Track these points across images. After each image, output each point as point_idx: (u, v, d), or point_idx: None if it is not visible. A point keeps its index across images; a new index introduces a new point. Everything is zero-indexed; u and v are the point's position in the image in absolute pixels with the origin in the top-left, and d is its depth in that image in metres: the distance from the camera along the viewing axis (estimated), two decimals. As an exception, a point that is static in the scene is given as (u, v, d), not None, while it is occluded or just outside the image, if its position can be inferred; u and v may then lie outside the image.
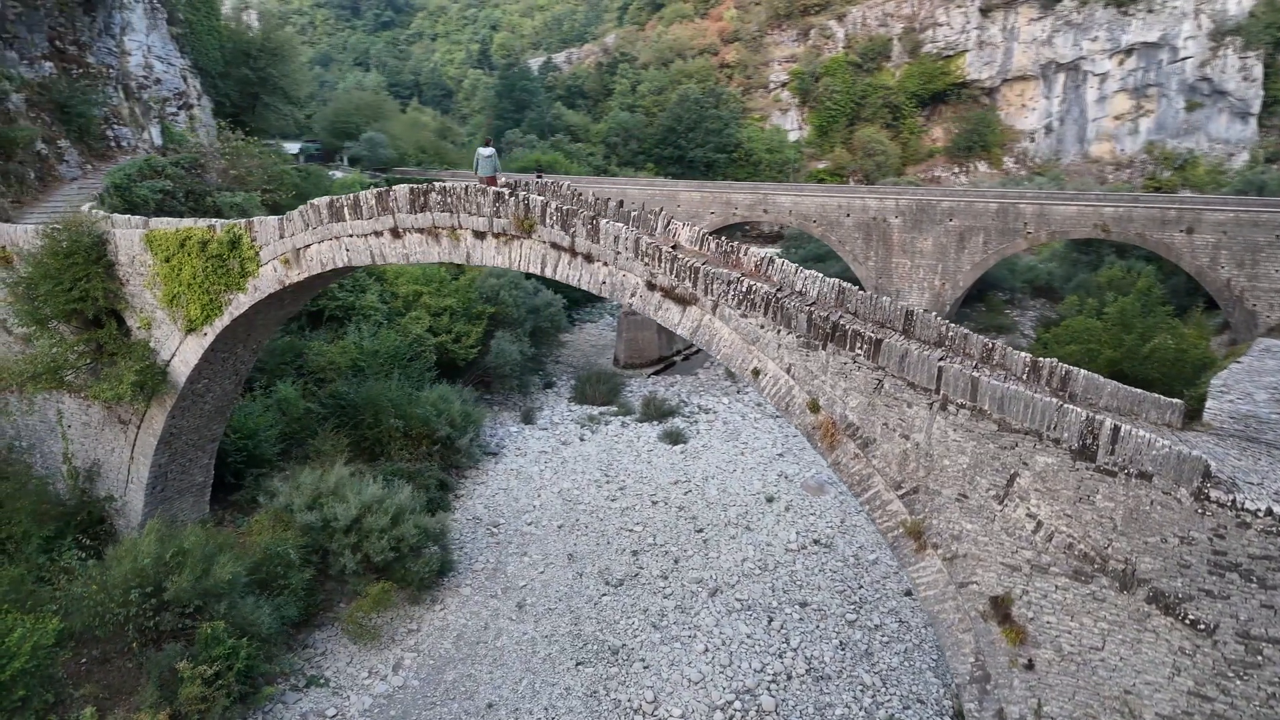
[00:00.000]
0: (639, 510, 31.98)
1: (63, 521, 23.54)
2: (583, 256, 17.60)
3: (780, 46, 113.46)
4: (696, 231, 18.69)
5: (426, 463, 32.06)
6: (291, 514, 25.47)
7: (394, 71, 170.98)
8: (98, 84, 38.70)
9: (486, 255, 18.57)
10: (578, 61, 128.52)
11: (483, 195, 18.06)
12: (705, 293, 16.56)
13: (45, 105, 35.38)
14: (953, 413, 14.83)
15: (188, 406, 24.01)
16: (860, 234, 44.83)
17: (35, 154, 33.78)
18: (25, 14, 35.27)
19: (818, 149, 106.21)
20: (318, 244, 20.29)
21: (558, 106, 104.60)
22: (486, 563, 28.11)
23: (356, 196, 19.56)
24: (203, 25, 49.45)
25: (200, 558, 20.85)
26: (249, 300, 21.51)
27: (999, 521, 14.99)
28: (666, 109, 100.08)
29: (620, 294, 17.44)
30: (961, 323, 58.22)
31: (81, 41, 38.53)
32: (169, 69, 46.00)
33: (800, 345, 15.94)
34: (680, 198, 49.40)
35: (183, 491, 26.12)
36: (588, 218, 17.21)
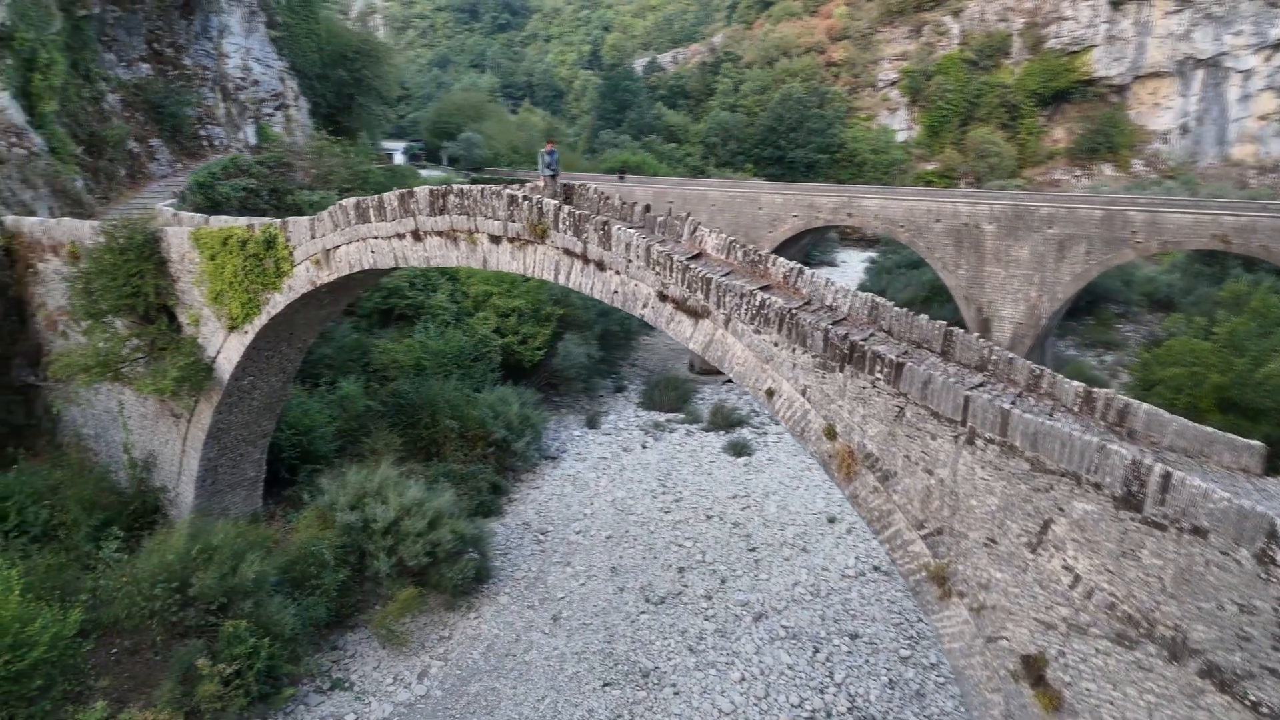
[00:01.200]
0: (692, 524, 30.86)
1: (114, 510, 24.21)
2: (595, 264, 16.71)
3: (891, 44, 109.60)
4: (724, 239, 17.51)
5: (480, 465, 31.84)
6: (334, 513, 25.56)
7: (508, 73, 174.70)
8: (192, 85, 40.27)
9: (502, 260, 17.91)
10: (683, 61, 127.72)
11: (497, 198, 17.40)
12: (717, 306, 15.42)
13: (140, 105, 36.99)
14: (980, 448, 13.23)
15: (234, 403, 24.37)
16: (950, 241, 42.29)
17: (127, 152, 35.30)
18: (124, 18, 36.97)
19: (927, 150, 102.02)
20: (346, 245, 20.11)
21: (658, 107, 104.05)
22: (528, 571, 27.58)
23: (381, 198, 19.24)
24: (301, 28, 51.03)
25: (229, 555, 21.01)
26: (284, 300, 21.57)
27: (1032, 572, 13.29)
28: (768, 109, 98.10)
29: (632, 304, 16.47)
30: (1065, 337, 54.47)
31: (179, 44, 40.17)
32: (267, 70, 47.59)
33: (816, 366, 14.61)
34: (761, 200, 47.88)
35: (234, 485, 26.60)
36: (600, 223, 16.32)
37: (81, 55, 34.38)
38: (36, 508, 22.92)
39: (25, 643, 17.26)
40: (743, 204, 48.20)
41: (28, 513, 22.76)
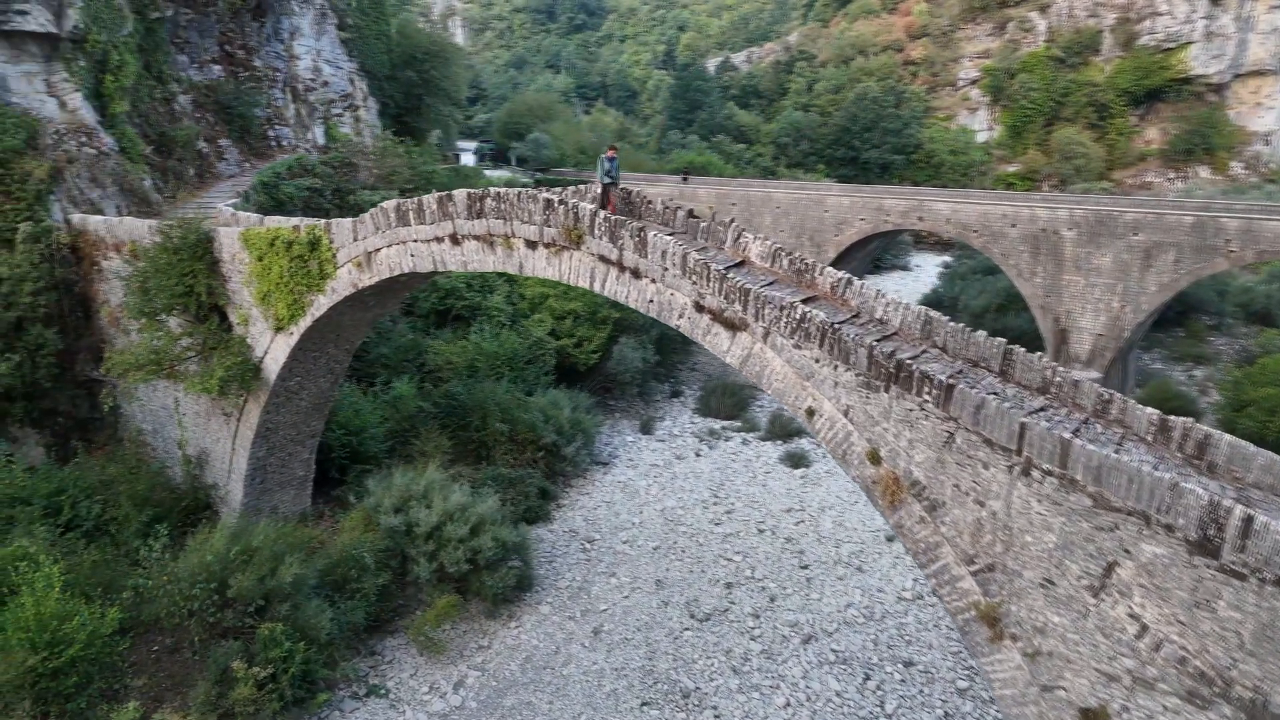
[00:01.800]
0: (742, 538, 29.91)
1: (166, 507, 24.50)
2: (630, 271, 16.01)
3: (973, 41, 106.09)
4: (769, 246, 16.60)
5: (530, 469, 31.46)
6: (379, 515, 25.44)
7: (582, 73, 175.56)
8: (262, 86, 40.94)
9: (538, 266, 17.34)
10: (757, 61, 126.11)
11: (533, 202, 16.83)
12: (756, 318, 14.55)
13: (210, 106, 37.72)
14: (1037, 480, 12.10)
15: (281, 403, 24.42)
16: (1026, 247, 40.26)
17: (196, 152, 36.00)
18: (197, 20, 37.74)
19: (1009, 151, 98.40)
20: (387, 248, 19.83)
21: (729, 107, 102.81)
22: (572, 581, 27.04)
23: (421, 200, 18.89)
24: (371, 29, 51.61)
25: (268, 556, 20.96)
26: (327, 302, 21.44)
27: (1093, 618, 12.10)
28: (842, 108, 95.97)
29: (668, 314, 15.71)
30: (1150, 350, 51.51)
31: (250, 46, 40.90)
32: (336, 72, 48.22)
33: (860, 385, 13.63)
34: (827, 203, 46.48)
35: (283, 484, 26.74)
36: (635, 229, 15.60)
37: (154, 57, 35.19)
38: (89, 502, 23.31)
39: (63, 640, 17.42)
40: (808, 206, 46.90)
41: (81, 507, 23.17)
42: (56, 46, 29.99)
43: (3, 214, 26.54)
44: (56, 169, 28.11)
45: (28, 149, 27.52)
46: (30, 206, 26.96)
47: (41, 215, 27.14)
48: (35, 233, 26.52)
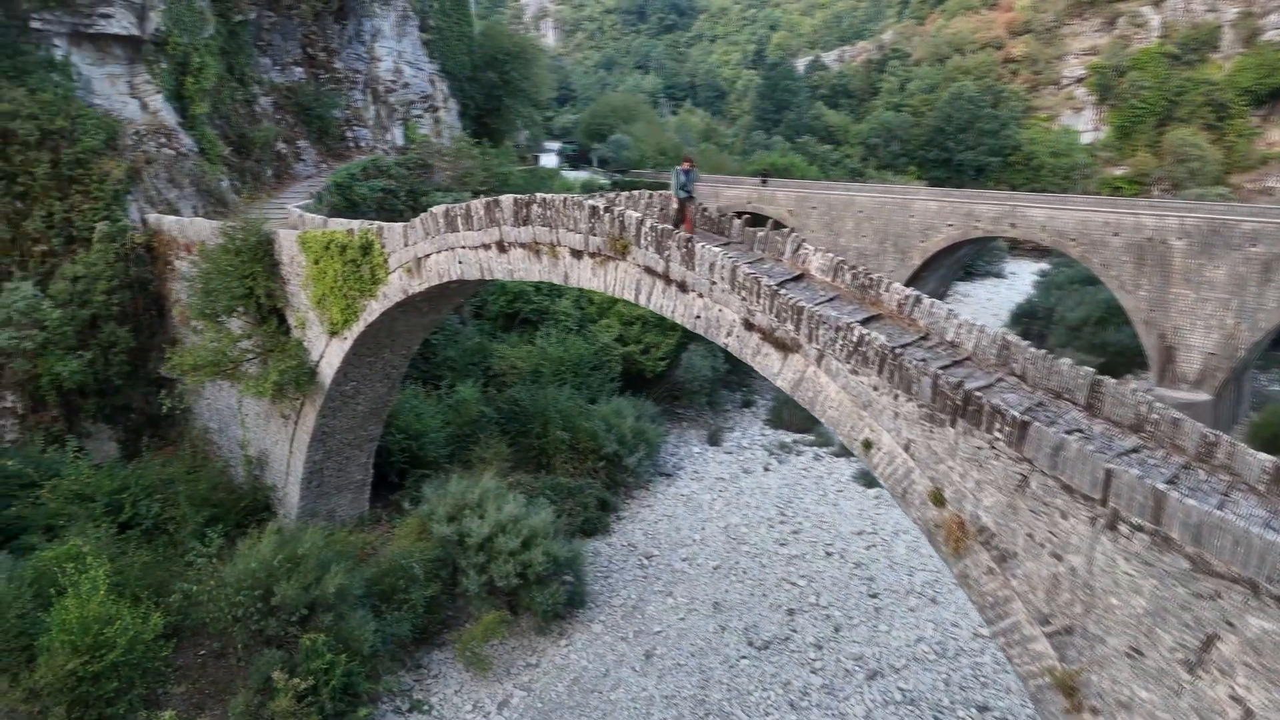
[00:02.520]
0: (809, 561, 28.45)
1: (224, 507, 24.57)
2: (677, 285, 14.94)
3: (1079, 38, 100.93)
4: (830, 259, 15.30)
5: (590, 480, 30.67)
6: (432, 523, 25.01)
7: (671, 74, 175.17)
8: (342, 88, 41.35)
9: (583, 276, 16.44)
10: (848, 60, 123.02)
11: (578, 209, 15.93)
12: (809, 339, 13.30)
13: (290, 107, 38.20)
14: (1125, 535, 10.57)
15: (337, 407, 24.21)
16: (1130, 257, 37.42)
17: (275, 153, 36.47)
18: (280, 23, 38.29)
19: (1116, 153, 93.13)
20: (436, 254, 19.26)
21: (818, 106, 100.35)
22: (627, 599, 26.10)
23: (469, 205, 18.23)
24: (453, 30, 51.80)
25: (314, 565, 20.66)
26: (379, 308, 21.03)
27: (1188, 698, 10.50)
28: (936, 108, 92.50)
29: (715, 332, 14.58)
30: (1268, 370, 47.51)
31: (331, 48, 41.35)
32: (418, 73, 48.51)
33: (923, 417, 12.26)
34: (913, 207, 44.32)
35: (340, 488, 26.60)
36: (682, 240, 14.52)
37: (237, 59, 35.80)
38: (149, 501, 23.51)
39: (104, 644, 17.35)
40: (893, 211, 44.85)
41: (141, 506, 23.38)
42: (139, 49, 30.68)
43: (81, 213, 27.15)
44: (134, 169, 28.67)
45: (107, 149, 28.11)
46: (108, 206, 27.52)
47: (118, 215, 27.67)
48: (111, 232, 27.04)
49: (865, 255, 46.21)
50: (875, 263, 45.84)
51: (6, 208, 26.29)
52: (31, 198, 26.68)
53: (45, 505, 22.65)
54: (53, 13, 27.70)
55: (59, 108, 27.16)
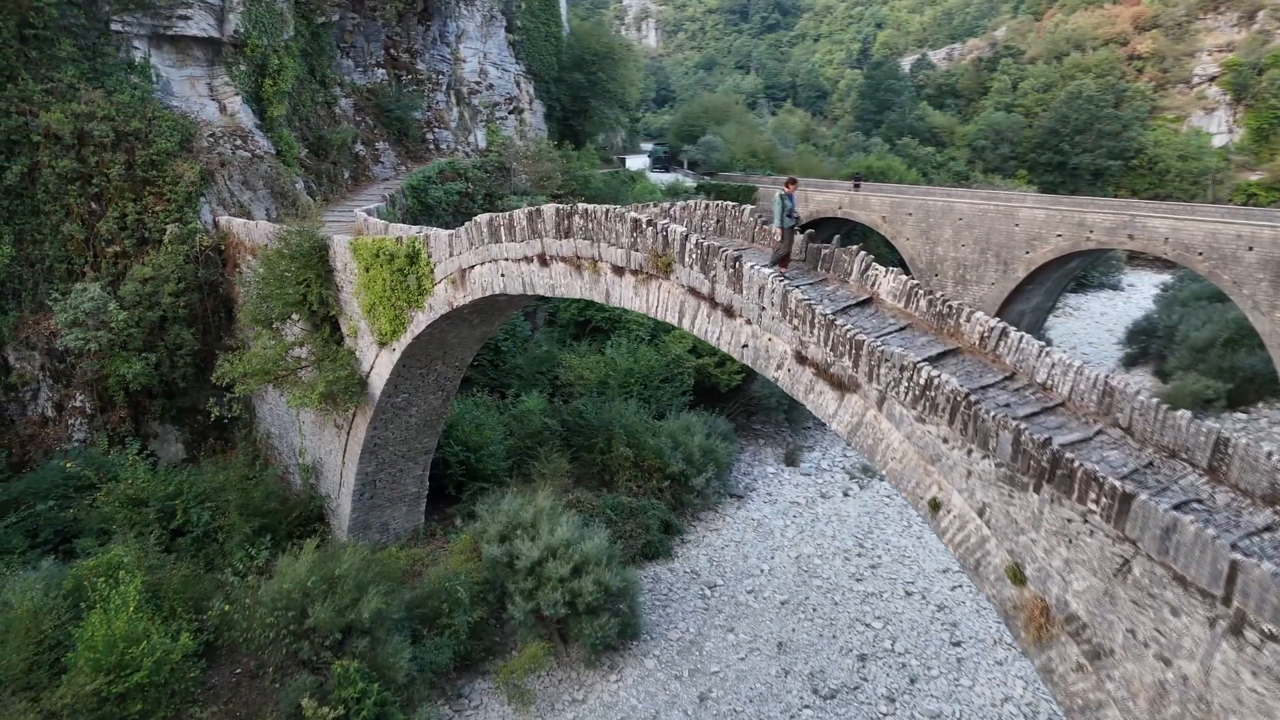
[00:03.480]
0: (886, 600, 26.23)
1: (276, 516, 24.09)
2: (723, 309, 13.28)
3: (1213, 33, 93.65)
4: (903, 282, 13.37)
5: (653, 500, 29.18)
6: (483, 543, 24.00)
7: (772, 73, 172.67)
8: (424, 89, 41.00)
9: (625, 295, 14.95)
10: (957, 58, 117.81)
11: (620, 221, 14.44)
12: (869, 377, 11.46)
13: (370, 109, 38.00)
14: (1253, 644, 8.46)
15: (389, 419, 23.42)
16: (1267, 274, 33.53)
17: (352, 155, 36.28)
18: (363, 25, 38.13)
19: (1252, 157, 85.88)
20: (479, 265, 18.10)
21: (922, 107, 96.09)
22: (685, 632, 24.50)
23: (512, 215, 16.98)
24: (540, 31, 51.09)
25: (351, 586, 19.82)
26: (426, 319, 20.04)
27: None
28: (1051, 108, 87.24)
29: (764, 364, 12.87)
30: None
31: (414, 49, 41.07)
32: (503, 75, 47.97)
33: (1002, 478, 10.31)
34: (1019, 215, 41.10)
35: (394, 501, 25.87)
36: (730, 258, 12.85)
37: (318, 61, 35.76)
38: (200, 509, 23.20)
39: (130, 664, 16.83)
40: (995, 219, 41.75)
41: (192, 513, 23.10)
42: (219, 51, 30.77)
43: (154, 215, 27.23)
44: (208, 171, 28.67)
45: (181, 151, 28.17)
46: (180, 208, 27.55)
47: (190, 217, 27.67)
48: (181, 234, 27.04)
49: (964, 265, 43.24)
50: (974, 274, 42.84)
51: (81, 208, 26.56)
52: (106, 199, 26.90)
53: (101, 509, 22.58)
54: (132, 15, 27.93)
55: (135, 109, 27.35)
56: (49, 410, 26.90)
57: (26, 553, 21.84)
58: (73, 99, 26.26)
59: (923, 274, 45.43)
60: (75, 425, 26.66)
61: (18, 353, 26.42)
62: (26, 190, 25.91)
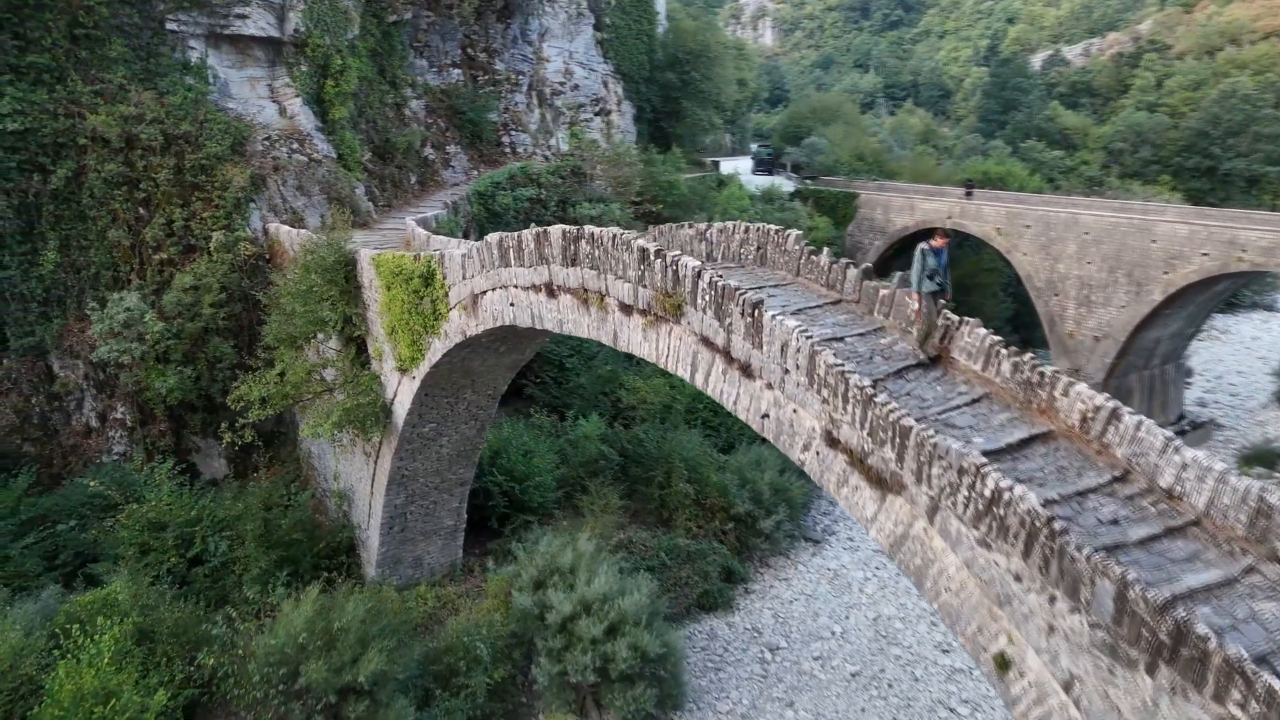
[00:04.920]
0: (976, 680, 22.60)
1: (300, 548, 22.46)
2: (739, 367, 10.45)
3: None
4: (983, 338, 10.25)
5: (715, 543, 26.35)
6: (515, 589, 21.78)
7: (892, 72, 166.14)
8: (501, 90, 39.27)
9: (633, 338, 12.29)
10: (1095, 54, 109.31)
11: (626, 250, 11.79)
12: (918, 478, 8.45)
13: (443, 111, 36.46)
14: None
15: (416, 449, 21.46)
16: None
17: (421, 159, 34.79)
18: (439, 23, 36.63)
19: None
20: (490, 291, 15.78)
21: (1053, 107, 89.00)
22: (737, 703, 21.60)
23: (520, 237, 14.58)
24: (631, 29, 48.72)
25: (354, 641, 17.83)
26: (442, 347, 17.91)
27: None
28: (1201, 108, 79.15)
29: (788, 441, 10.00)
30: None
31: (492, 48, 39.39)
32: (590, 75, 45.89)
33: (1099, 646, 7.21)
34: (1157, 230, 36.03)
35: (428, 534, 23.96)
36: (749, 304, 10.02)
37: (389, 61, 34.42)
38: (218, 538, 21.79)
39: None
40: (1128, 234, 36.83)
41: (210, 542, 21.71)
42: (280, 51, 29.66)
43: (201, 221, 26.18)
44: (260, 176, 27.48)
45: (233, 155, 27.06)
46: (228, 215, 26.41)
47: (238, 224, 26.51)
48: (227, 242, 25.87)
49: (1089, 285, 38.43)
50: (1101, 295, 37.99)
51: (128, 214, 25.75)
52: (154, 204, 26.02)
53: (118, 532, 21.45)
54: (188, 14, 27.01)
55: (186, 111, 26.37)
56: (93, 420, 26.25)
57: (41, 576, 20.90)
58: (122, 101, 25.44)
59: (1040, 293, 40.75)
60: (115, 438, 25.89)
61: (62, 361, 25.85)
62: (73, 195, 25.25)
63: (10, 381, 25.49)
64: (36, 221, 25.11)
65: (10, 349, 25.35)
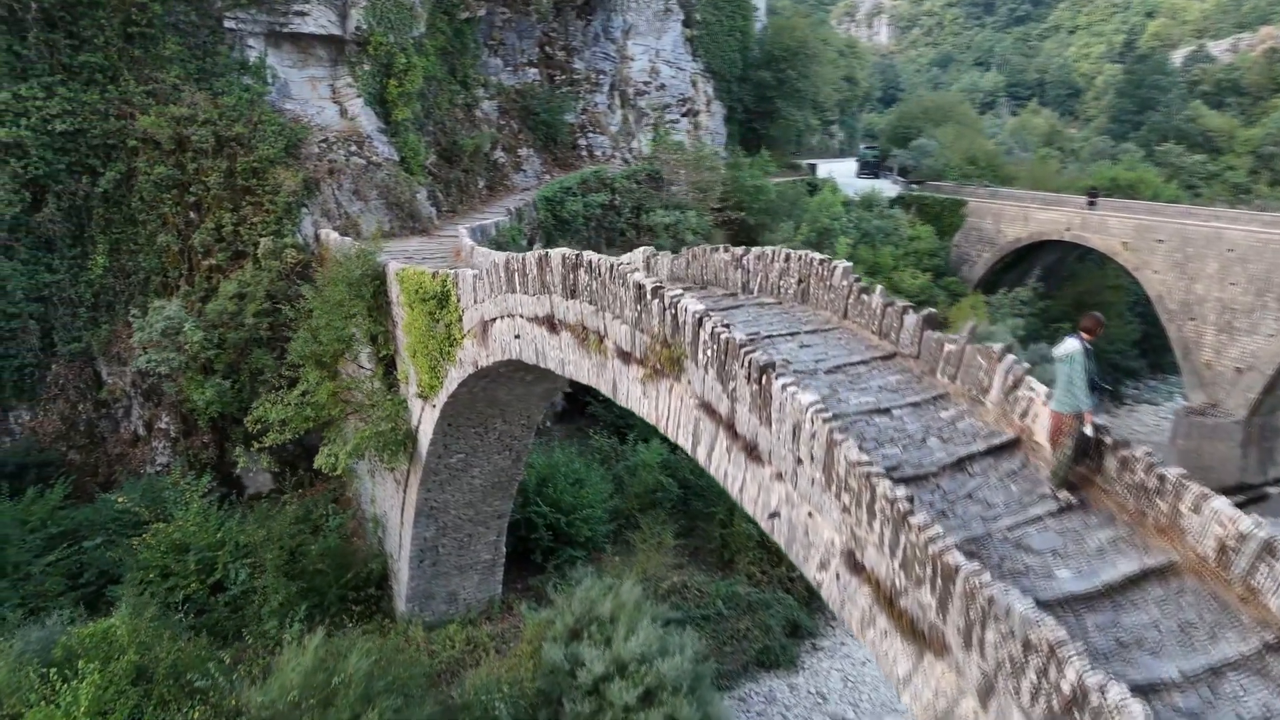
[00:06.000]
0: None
1: (326, 579, 21.03)
2: (744, 446, 8.01)
3: None
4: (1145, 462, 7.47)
5: (780, 592, 23.73)
6: (547, 639, 19.76)
7: (1016, 70, 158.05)
8: (580, 90, 37.46)
9: (631, 392, 9.99)
10: (1244, 50, 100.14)
11: (622, 285, 9.50)
12: (965, 640, 5.85)
13: (516, 112, 34.89)
14: None
15: (445, 480, 19.71)
16: None
17: (490, 162, 33.29)
18: (515, 20, 35.07)
19: None
20: (500, 319, 13.74)
21: (1195, 107, 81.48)
22: (790, 785, 18.99)
23: (524, 259, 12.46)
24: (723, 26, 46.15)
25: (355, 698, 16.12)
26: (458, 376, 16.00)
27: None
28: (1371, 107, 70.91)
29: (801, 553, 7.51)
30: None
31: (572, 47, 37.60)
32: (677, 74, 43.66)
33: None
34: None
35: (463, 568, 22.23)
36: (755, 365, 7.57)
37: (460, 60, 33.03)
38: (240, 564, 20.56)
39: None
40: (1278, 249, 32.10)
41: (230, 569, 20.50)
42: (342, 49, 28.57)
43: (251, 226, 25.20)
44: (313, 179, 26.38)
45: (287, 157, 26.03)
46: (279, 220, 25.36)
47: (288, 229, 25.42)
48: (274, 249, 24.81)
49: (1232, 309, 33.78)
50: (1246, 321, 33.31)
51: (178, 218, 25.01)
52: (204, 208, 25.21)
53: (140, 554, 20.48)
54: (246, 11, 26.12)
55: (240, 112, 25.48)
56: (140, 429, 25.66)
57: (62, 596, 20.10)
58: (174, 101, 24.70)
59: (1173, 316, 36.18)
60: (159, 448, 25.19)
61: (109, 368, 25.33)
62: (123, 198, 24.65)
63: (58, 387, 25.09)
64: (86, 225, 24.61)
65: (58, 354, 24.95)
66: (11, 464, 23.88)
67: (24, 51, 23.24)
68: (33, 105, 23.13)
